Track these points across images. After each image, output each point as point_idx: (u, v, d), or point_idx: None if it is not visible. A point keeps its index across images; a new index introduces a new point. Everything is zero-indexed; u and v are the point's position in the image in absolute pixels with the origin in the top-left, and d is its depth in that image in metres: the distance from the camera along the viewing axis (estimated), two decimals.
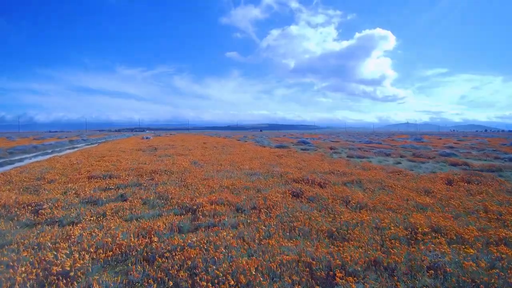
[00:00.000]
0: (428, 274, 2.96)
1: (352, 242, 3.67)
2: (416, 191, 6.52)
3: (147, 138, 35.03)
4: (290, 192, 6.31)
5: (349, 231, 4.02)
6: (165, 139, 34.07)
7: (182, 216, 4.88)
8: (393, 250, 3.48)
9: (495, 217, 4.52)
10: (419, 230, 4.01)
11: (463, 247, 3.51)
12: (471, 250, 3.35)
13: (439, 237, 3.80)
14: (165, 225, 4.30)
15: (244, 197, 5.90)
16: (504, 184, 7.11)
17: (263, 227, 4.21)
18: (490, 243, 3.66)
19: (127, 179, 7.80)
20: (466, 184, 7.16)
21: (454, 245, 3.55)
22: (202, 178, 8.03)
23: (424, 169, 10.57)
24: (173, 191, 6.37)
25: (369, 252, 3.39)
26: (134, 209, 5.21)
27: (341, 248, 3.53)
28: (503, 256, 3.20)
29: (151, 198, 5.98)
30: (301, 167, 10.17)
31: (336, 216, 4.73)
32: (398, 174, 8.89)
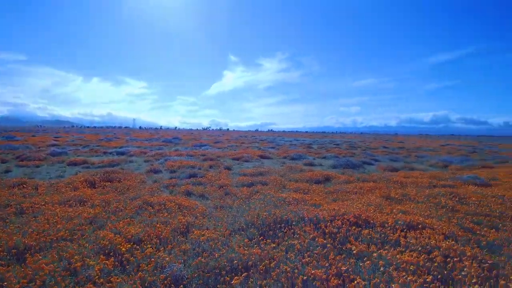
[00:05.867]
0: None
1: None
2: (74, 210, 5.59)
3: None
4: None
5: None
6: None
7: None
8: None
9: None
10: None
11: None
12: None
13: None
14: None
15: None
16: (139, 176, 8.64)
17: None
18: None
19: None
20: (109, 183, 7.44)
21: None
22: None
23: (45, 175, 9.23)
24: None
25: None
26: None
27: None
28: None
29: None
30: None
31: None
32: (25, 188, 6.99)
